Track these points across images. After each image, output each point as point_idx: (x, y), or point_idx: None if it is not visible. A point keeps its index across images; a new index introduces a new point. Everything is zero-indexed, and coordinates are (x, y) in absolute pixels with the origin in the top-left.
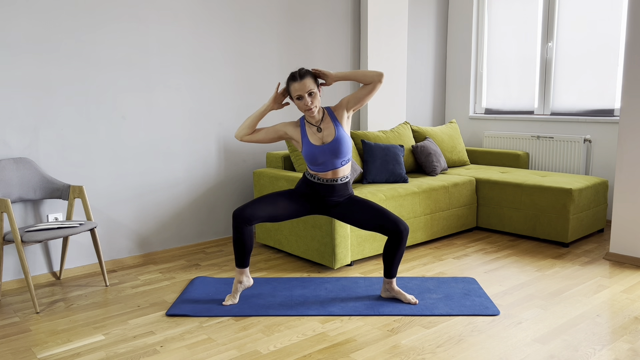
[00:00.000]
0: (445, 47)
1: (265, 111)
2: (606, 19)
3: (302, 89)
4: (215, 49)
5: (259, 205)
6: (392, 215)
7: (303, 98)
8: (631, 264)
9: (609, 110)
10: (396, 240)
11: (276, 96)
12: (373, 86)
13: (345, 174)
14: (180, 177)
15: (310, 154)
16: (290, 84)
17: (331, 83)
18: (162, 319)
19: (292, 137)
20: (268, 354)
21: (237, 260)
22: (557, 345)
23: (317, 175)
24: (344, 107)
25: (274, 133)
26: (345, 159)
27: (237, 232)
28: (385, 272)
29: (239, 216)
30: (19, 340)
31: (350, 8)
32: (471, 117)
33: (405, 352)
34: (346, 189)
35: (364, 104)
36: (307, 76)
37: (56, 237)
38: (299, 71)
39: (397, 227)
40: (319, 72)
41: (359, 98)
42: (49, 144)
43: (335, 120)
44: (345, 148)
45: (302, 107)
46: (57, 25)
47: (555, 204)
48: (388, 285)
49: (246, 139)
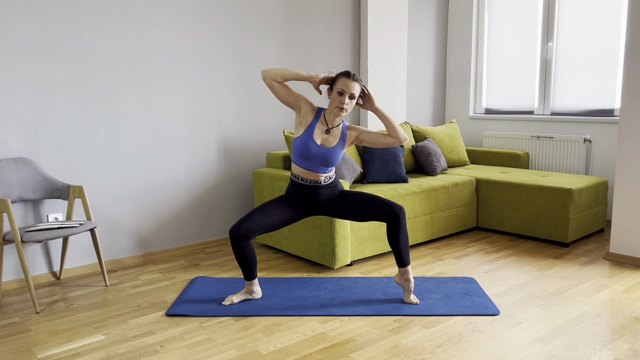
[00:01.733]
0: (445, 47)
1: (304, 78)
2: (606, 19)
3: (349, 87)
4: (215, 49)
5: (253, 219)
6: (385, 200)
7: (343, 95)
8: (631, 264)
9: (609, 110)
10: (394, 223)
11: (324, 78)
12: (393, 142)
13: (328, 176)
14: (180, 177)
15: (305, 146)
16: (341, 77)
17: (367, 109)
18: (162, 319)
19: (302, 116)
20: (268, 354)
21: (244, 274)
22: (557, 345)
23: (299, 175)
24: (357, 135)
25: (294, 99)
26: (328, 169)
27: (237, 249)
28: (397, 261)
29: (236, 234)
30: (19, 340)
31: (350, 8)
32: (471, 117)
33: (405, 352)
34: (334, 187)
35: (371, 146)
36: (358, 82)
37: (56, 237)
38: (355, 74)
39: (392, 210)
40: (367, 92)
41: (375, 142)
42: (49, 144)
43: (344, 136)
44: (334, 161)
45: (335, 102)
46: (57, 25)
47: (555, 204)
48: (405, 275)
49: (269, 82)
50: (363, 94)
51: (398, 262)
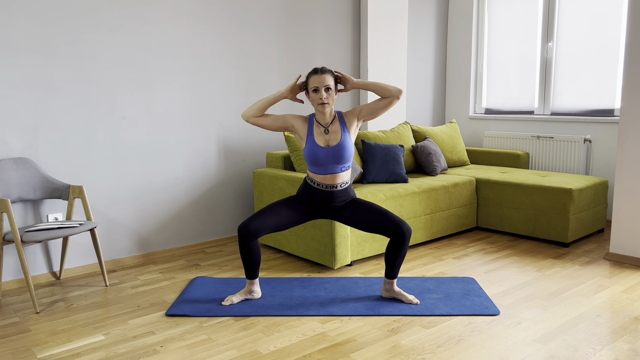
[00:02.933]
0: (445, 47)
1: (278, 98)
2: (606, 19)
3: (320, 81)
4: (216, 48)
5: (262, 217)
6: (395, 217)
7: (319, 91)
8: (631, 264)
9: (609, 110)
10: (398, 242)
11: (294, 86)
12: (390, 100)
13: (345, 180)
14: (180, 177)
15: (313, 154)
16: (310, 77)
17: (350, 89)
18: (162, 319)
19: (297, 131)
20: (268, 354)
21: (247, 273)
22: (557, 345)
23: (316, 180)
24: (356, 115)
25: (281, 122)
26: (345, 165)
27: (244, 246)
28: (386, 272)
29: (244, 231)
30: (19, 340)
31: (350, 8)
32: (471, 117)
33: (405, 352)
34: (347, 194)
35: (377, 117)
36: (328, 73)
37: (56, 237)
38: (322, 67)
39: (400, 229)
40: (340, 75)
41: (373, 110)
42: (49, 144)
43: (344, 125)
44: (348, 154)
45: (316, 100)
46: (57, 25)
47: (555, 204)
48: (389, 286)
49: (252, 120)
50: (339, 79)
51: (387, 274)
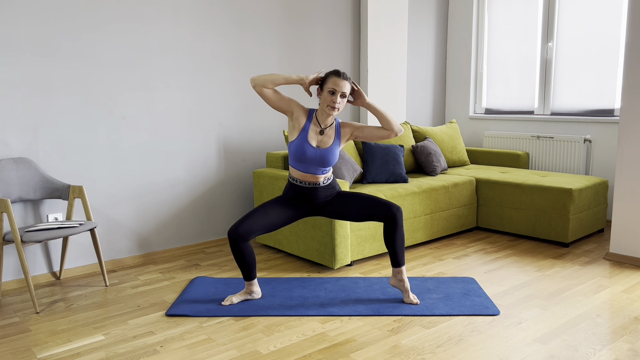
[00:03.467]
0: (445, 47)
1: (294, 81)
2: (606, 19)
3: (340, 85)
4: (215, 49)
5: (251, 219)
6: (382, 200)
7: (335, 94)
8: (631, 264)
9: (609, 110)
10: (392, 223)
11: (314, 79)
12: (388, 134)
13: (327, 177)
14: (180, 177)
15: (301, 149)
16: (330, 77)
17: (359, 105)
18: (162, 319)
19: (295, 120)
20: (268, 354)
21: (243, 275)
22: (557, 345)
23: (297, 178)
24: (351, 131)
25: (286, 104)
26: (326, 169)
27: (235, 250)
28: (391, 261)
29: (234, 235)
30: (19, 340)
31: (350, 8)
32: (471, 117)
33: (405, 352)
34: (332, 189)
35: (366, 141)
36: (348, 80)
37: (56, 237)
38: (344, 72)
39: (390, 211)
40: (357, 89)
41: (371, 136)
42: (49, 144)
43: (339, 134)
44: (332, 161)
45: (327, 102)
46: (57, 25)
47: (555, 204)
48: (399, 275)
49: (260, 90)
50: (353, 91)
51: (393, 263)
